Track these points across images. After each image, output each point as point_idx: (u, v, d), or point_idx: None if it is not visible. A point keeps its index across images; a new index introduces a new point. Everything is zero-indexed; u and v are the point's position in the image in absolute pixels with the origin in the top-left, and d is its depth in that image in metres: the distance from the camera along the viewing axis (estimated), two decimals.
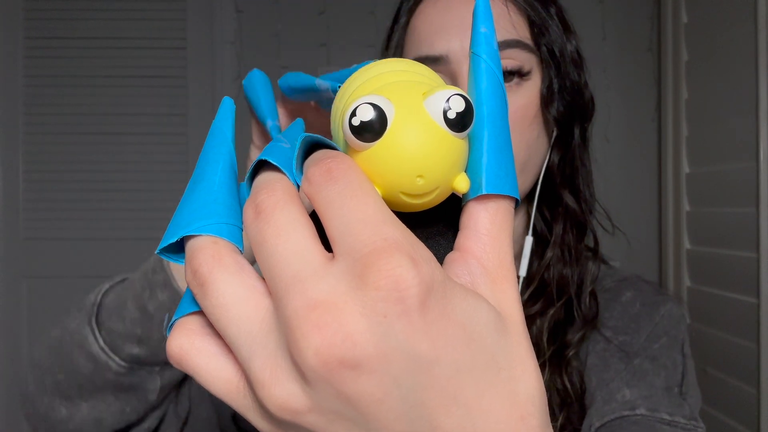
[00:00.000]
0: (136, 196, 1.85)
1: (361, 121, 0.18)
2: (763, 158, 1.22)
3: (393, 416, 0.17)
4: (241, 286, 0.18)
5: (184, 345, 0.19)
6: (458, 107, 0.19)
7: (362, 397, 0.16)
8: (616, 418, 0.51)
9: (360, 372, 0.16)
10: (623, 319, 0.59)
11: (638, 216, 1.81)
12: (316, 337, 0.16)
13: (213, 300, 0.18)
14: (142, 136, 1.85)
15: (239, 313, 0.18)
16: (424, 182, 0.19)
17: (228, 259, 0.19)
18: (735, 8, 1.31)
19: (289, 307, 0.17)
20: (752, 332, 1.24)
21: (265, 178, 0.20)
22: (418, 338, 0.16)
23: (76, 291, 2.01)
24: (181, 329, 0.20)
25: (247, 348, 0.18)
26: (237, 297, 0.18)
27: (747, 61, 1.26)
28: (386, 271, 0.16)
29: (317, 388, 0.17)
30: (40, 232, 1.86)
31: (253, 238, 0.18)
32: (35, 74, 1.84)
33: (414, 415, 0.17)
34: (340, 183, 0.18)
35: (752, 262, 1.24)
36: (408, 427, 0.17)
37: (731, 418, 1.32)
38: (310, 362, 0.16)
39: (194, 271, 0.19)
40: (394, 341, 0.16)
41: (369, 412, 0.17)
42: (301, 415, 0.17)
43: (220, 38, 1.84)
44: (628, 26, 1.82)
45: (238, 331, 0.18)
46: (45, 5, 1.83)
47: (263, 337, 0.18)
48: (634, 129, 1.83)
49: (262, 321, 0.18)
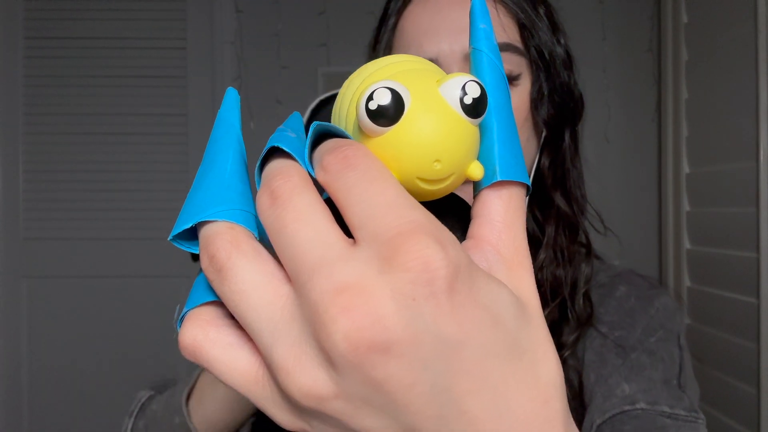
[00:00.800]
0: (136, 196, 1.85)
1: (378, 105, 0.18)
2: (763, 158, 1.22)
3: (421, 401, 0.17)
4: (260, 272, 0.18)
5: (197, 336, 0.19)
6: (474, 93, 0.19)
7: (391, 381, 0.16)
8: (617, 414, 0.51)
9: (390, 356, 0.16)
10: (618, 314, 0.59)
11: (638, 216, 1.81)
12: (344, 320, 0.16)
13: (232, 286, 0.18)
14: (142, 136, 1.85)
15: (260, 300, 0.18)
16: (441, 167, 0.19)
17: (245, 245, 0.18)
18: (735, 8, 1.31)
19: (315, 291, 0.16)
20: (752, 332, 1.24)
21: (278, 164, 0.19)
22: (446, 321, 0.16)
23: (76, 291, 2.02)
24: (194, 320, 0.19)
25: (268, 334, 0.17)
26: (257, 283, 0.18)
27: (747, 61, 1.26)
28: (414, 252, 0.16)
29: (345, 373, 0.16)
30: (40, 232, 1.86)
31: (270, 224, 0.18)
32: (35, 74, 1.84)
33: (442, 400, 0.17)
34: (358, 169, 0.18)
35: (752, 262, 1.24)
36: (436, 412, 0.17)
37: (731, 418, 1.32)
38: (339, 347, 0.16)
39: (211, 257, 0.18)
40: (423, 324, 0.16)
41: (397, 398, 0.16)
42: (327, 402, 0.17)
43: (220, 38, 1.84)
44: (628, 26, 1.82)
45: (258, 318, 0.18)
46: (45, 5, 1.83)
47: (286, 323, 0.17)
48: (634, 129, 1.83)
49: (284, 307, 0.17)
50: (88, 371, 1.85)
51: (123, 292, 1.86)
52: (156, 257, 1.86)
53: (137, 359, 1.85)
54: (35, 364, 1.86)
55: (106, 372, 1.85)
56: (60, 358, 1.85)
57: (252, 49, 1.85)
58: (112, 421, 1.94)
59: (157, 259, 1.85)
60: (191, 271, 1.81)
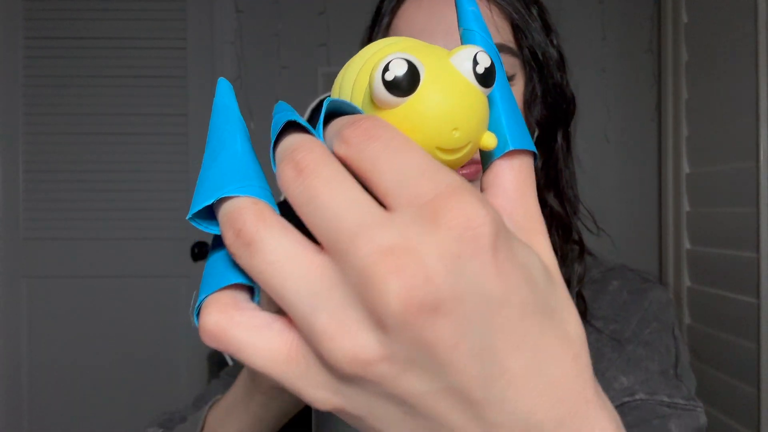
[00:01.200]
0: (137, 196, 1.85)
1: (395, 76, 0.18)
2: (763, 158, 1.22)
3: (466, 361, 0.17)
4: (291, 243, 0.17)
5: (221, 321, 0.18)
6: (485, 63, 0.19)
7: (439, 341, 0.16)
8: (617, 406, 0.51)
9: (438, 315, 0.16)
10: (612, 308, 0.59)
11: (638, 216, 1.81)
12: (395, 281, 0.15)
13: (264, 257, 0.17)
14: (142, 136, 1.85)
15: (295, 269, 0.17)
16: (459, 135, 0.19)
17: (271, 218, 0.18)
18: (735, 8, 1.31)
19: (360, 254, 0.16)
20: (752, 332, 1.24)
21: (295, 139, 0.19)
22: (490, 279, 0.16)
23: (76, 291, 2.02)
24: (215, 305, 0.18)
25: (307, 304, 0.17)
26: (290, 253, 0.17)
27: (747, 61, 1.26)
28: (457, 210, 0.16)
29: (394, 334, 0.16)
30: (40, 232, 1.86)
31: (297, 195, 0.17)
32: (35, 74, 1.84)
33: (485, 359, 0.17)
34: (382, 139, 0.18)
35: (752, 262, 1.24)
36: (479, 372, 0.17)
37: (731, 418, 1.32)
38: (392, 307, 0.15)
39: (238, 231, 0.18)
40: (468, 282, 0.16)
41: (443, 358, 0.16)
42: (373, 366, 0.16)
43: (220, 38, 1.84)
44: (628, 26, 1.82)
45: (295, 288, 0.17)
46: (45, 5, 1.83)
47: (326, 290, 0.17)
48: (634, 129, 1.84)
49: (322, 276, 0.17)
50: (88, 371, 1.85)
51: (123, 292, 1.86)
52: (156, 257, 1.86)
53: (137, 359, 1.85)
54: (35, 364, 1.86)
55: (106, 372, 1.85)
56: (60, 358, 1.85)
57: (252, 49, 1.85)
58: (112, 421, 1.94)
59: (157, 259, 1.86)
60: (191, 271, 1.81)
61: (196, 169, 1.85)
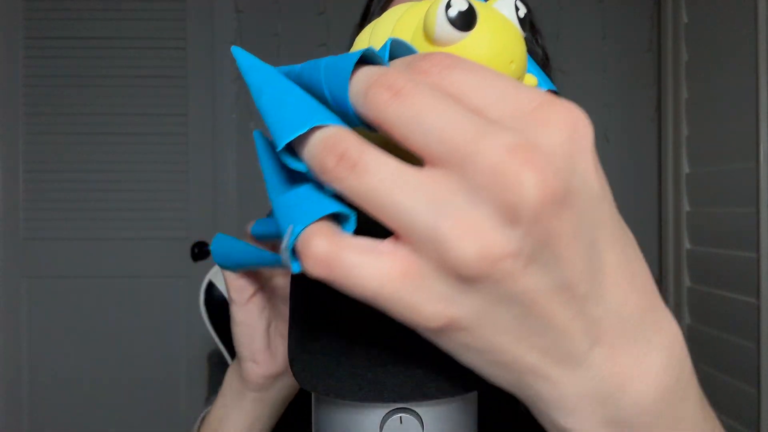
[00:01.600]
0: (136, 196, 1.85)
1: (458, 11, 0.19)
2: (763, 158, 1.22)
3: (579, 254, 0.17)
4: (396, 162, 0.17)
5: (331, 247, 0.17)
6: (524, 9, 0.22)
7: (562, 234, 0.17)
8: None
9: (564, 207, 0.17)
10: None
11: (638, 216, 1.81)
12: (531, 173, 0.16)
13: (373, 176, 0.17)
14: (142, 136, 1.85)
15: (409, 183, 0.17)
16: (515, 67, 0.21)
17: (369, 142, 0.18)
18: (735, 8, 1.31)
19: (488, 153, 0.16)
20: (752, 332, 1.24)
21: (378, 69, 0.18)
22: (593, 176, 0.18)
23: (76, 291, 2.01)
24: (318, 233, 0.18)
25: (428, 213, 0.17)
26: (398, 170, 0.17)
27: (747, 61, 1.26)
28: (565, 114, 0.17)
29: (525, 228, 0.16)
30: (40, 232, 1.86)
31: (399, 114, 0.17)
32: (35, 74, 1.84)
33: (591, 253, 0.18)
34: (461, 65, 0.18)
35: (752, 262, 1.24)
36: (586, 265, 0.18)
37: (731, 418, 1.32)
38: (530, 199, 0.16)
39: (341, 155, 0.18)
40: (579, 179, 0.17)
41: (561, 251, 0.17)
42: (500, 262, 0.16)
43: (220, 38, 1.84)
44: (628, 26, 1.82)
45: (412, 201, 0.17)
46: (45, 5, 1.83)
47: (448, 197, 0.17)
48: (634, 129, 1.84)
49: (439, 185, 0.17)
50: (88, 371, 1.85)
51: (123, 292, 1.86)
52: (156, 257, 1.86)
53: (137, 359, 1.85)
54: (35, 364, 1.86)
55: (106, 372, 1.85)
56: (60, 358, 1.85)
57: (252, 49, 1.85)
58: (112, 421, 1.94)
59: (157, 259, 1.86)
60: (191, 271, 1.81)
61: (197, 169, 1.85)
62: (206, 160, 1.85)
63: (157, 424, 1.84)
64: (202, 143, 1.85)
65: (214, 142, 1.85)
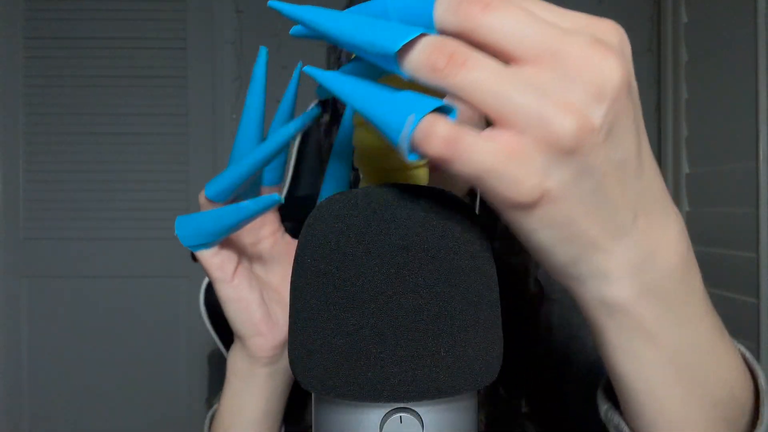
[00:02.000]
0: (136, 196, 1.85)
1: None
2: (763, 158, 1.22)
3: (633, 134, 0.22)
4: (496, 63, 0.20)
5: (450, 130, 0.20)
6: None
7: (627, 114, 0.21)
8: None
9: (630, 91, 0.21)
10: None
11: None
12: (613, 57, 0.20)
13: (483, 69, 0.20)
14: (142, 136, 1.85)
15: (512, 78, 0.20)
16: None
17: (472, 47, 0.21)
18: (735, 8, 1.31)
19: (576, 46, 0.20)
20: (752, 332, 1.24)
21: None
22: (634, 73, 0.22)
23: (76, 291, 2.01)
24: (439, 120, 0.20)
25: (533, 97, 0.20)
26: (501, 68, 0.20)
27: (747, 61, 1.26)
28: (611, 23, 0.22)
29: (609, 104, 0.20)
30: (40, 232, 1.86)
31: (493, 23, 0.20)
32: (35, 74, 1.84)
33: (639, 137, 0.22)
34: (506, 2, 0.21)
35: (752, 262, 1.24)
36: (636, 146, 0.22)
37: None
38: (615, 77, 0.20)
39: (451, 54, 0.20)
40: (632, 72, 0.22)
41: (624, 130, 0.21)
42: (592, 135, 0.20)
43: (220, 38, 1.84)
44: (628, 26, 1.80)
45: (518, 88, 0.20)
46: (45, 5, 1.83)
47: (547, 84, 0.20)
48: None
49: (539, 76, 0.20)
50: (88, 371, 1.85)
51: (123, 292, 1.86)
52: (156, 257, 1.86)
53: (137, 359, 1.85)
54: (35, 364, 1.86)
55: (106, 372, 1.85)
56: (60, 358, 1.85)
57: (252, 49, 1.85)
58: (112, 421, 1.94)
59: (157, 259, 1.86)
60: (191, 271, 1.81)
61: (196, 169, 1.85)
62: (206, 160, 1.85)
63: (157, 424, 1.84)
64: (202, 143, 1.85)
65: (214, 142, 1.85)
